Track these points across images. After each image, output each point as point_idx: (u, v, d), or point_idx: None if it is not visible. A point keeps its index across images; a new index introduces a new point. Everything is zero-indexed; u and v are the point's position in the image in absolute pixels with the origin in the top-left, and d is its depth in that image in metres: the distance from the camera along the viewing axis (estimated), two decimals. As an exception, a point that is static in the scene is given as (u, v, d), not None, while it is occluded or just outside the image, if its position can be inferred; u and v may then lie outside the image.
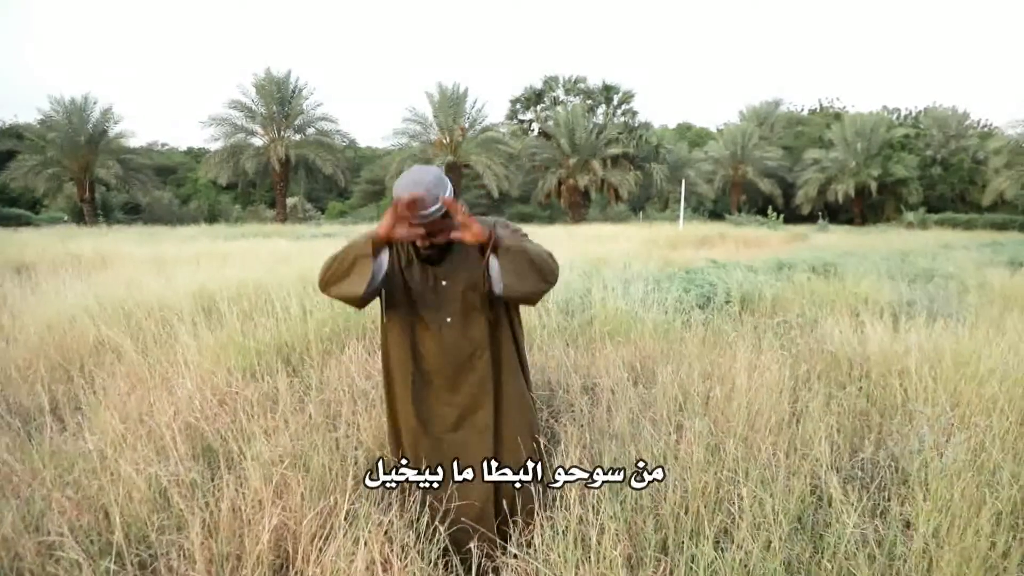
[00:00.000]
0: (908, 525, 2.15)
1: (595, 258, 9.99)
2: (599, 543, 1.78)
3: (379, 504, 2.08)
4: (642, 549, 1.89)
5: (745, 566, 1.78)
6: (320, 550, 1.88)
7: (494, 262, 1.88)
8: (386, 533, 1.90)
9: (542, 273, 1.91)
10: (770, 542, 1.84)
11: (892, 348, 3.85)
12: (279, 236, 17.36)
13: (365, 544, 1.81)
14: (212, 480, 2.31)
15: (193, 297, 5.13)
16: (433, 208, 1.83)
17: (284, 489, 2.09)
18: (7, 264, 9.71)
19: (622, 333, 4.27)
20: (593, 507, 1.95)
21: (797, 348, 4.15)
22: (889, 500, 2.31)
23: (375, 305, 2.11)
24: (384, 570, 1.80)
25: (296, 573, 1.89)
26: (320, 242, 14.09)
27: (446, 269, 2.04)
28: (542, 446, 2.13)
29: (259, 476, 2.11)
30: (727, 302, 5.45)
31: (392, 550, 1.84)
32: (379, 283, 1.96)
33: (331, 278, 1.90)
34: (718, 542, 1.94)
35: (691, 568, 1.81)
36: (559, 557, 1.78)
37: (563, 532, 1.84)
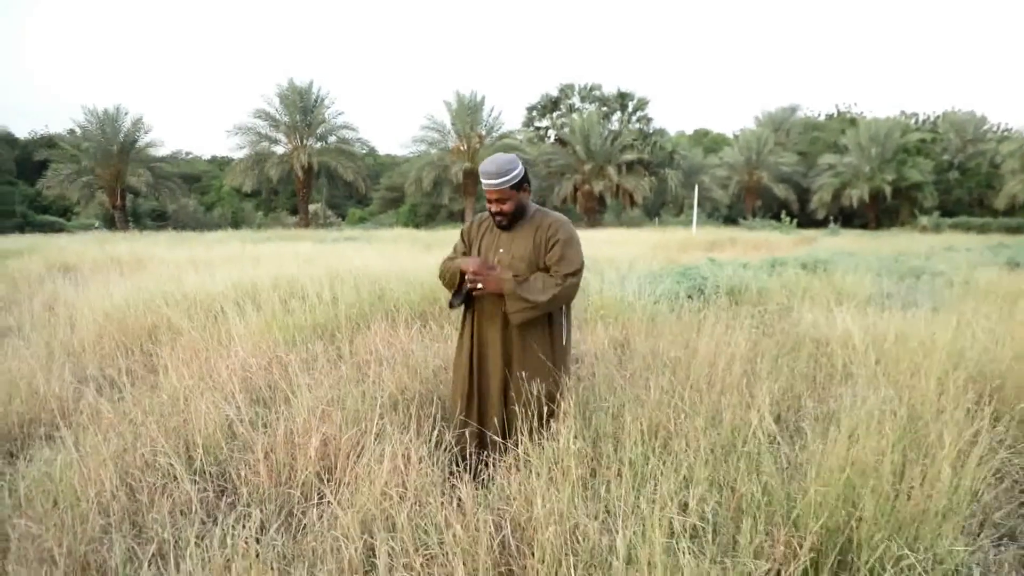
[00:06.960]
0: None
1: (604, 259, 10.51)
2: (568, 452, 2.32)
3: (401, 428, 2.65)
4: (604, 459, 2.44)
5: (676, 469, 2.32)
6: (355, 461, 2.45)
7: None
8: (405, 449, 2.47)
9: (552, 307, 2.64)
10: (699, 448, 2.36)
11: (853, 330, 4.35)
12: (303, 240, 18.10)
13: (389, 456, 2.38)
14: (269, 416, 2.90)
15: (234, 288, 5.75)
16: (504, 179, 2.57)
17: (326, 419, 2.68)
18: (53, 265, 10.51)
19: (613, 317, 4.80)
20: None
21: (771, 330, 4.66)
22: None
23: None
24: (404, 472, 2.36)
25: (337, 478, 2.46)
26: (343, 245, 14.74)
27: (507, 240, 2.71)
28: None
29: (306, 409, 2.70)
30: (715, 293, 5.96)
31: (410, 460, 2.41)
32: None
33: (444, 283, 2.81)
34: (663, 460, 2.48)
35: (633, 465, 2.35)
36: (538, 459, 2.33)
37: (543, 446, 2.39)
